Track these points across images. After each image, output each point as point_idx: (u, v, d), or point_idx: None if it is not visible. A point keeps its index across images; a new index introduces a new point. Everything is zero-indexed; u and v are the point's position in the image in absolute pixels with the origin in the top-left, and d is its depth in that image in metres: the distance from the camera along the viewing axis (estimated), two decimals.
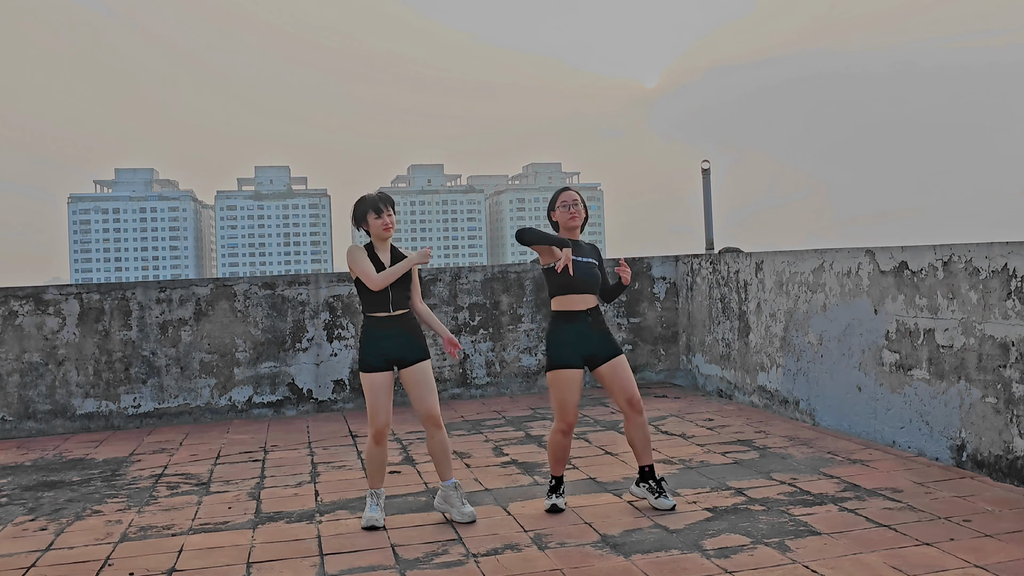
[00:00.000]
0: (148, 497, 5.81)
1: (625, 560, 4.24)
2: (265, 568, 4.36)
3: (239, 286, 8.73)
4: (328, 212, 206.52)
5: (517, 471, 6.07)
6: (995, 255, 5.33)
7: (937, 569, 3.96)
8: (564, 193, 5.15)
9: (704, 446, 6.58)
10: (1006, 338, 5.23)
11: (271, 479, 6.17)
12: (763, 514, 4.86)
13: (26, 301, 8.29)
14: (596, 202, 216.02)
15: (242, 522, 5.15)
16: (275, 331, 8.76)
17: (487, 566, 4.24)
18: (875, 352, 6.40)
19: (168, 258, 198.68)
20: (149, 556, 4.60)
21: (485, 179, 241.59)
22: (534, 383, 9.40)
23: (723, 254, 8.78)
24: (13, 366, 8.23)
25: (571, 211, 5.08)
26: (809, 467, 5.83)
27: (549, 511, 5.05)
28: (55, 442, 7.86)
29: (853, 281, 6.65)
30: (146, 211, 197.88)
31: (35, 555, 4.70)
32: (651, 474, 5.08)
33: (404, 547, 4.58)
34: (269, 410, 8.74)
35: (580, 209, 5.10)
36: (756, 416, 7.66)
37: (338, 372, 8.90)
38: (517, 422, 7.81)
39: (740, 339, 8.36)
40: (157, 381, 8.49)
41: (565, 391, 4.94)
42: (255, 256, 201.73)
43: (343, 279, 9.00)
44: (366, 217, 4.92)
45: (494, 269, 9.42)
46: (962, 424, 5.60)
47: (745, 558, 4.19)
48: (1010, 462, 5.23)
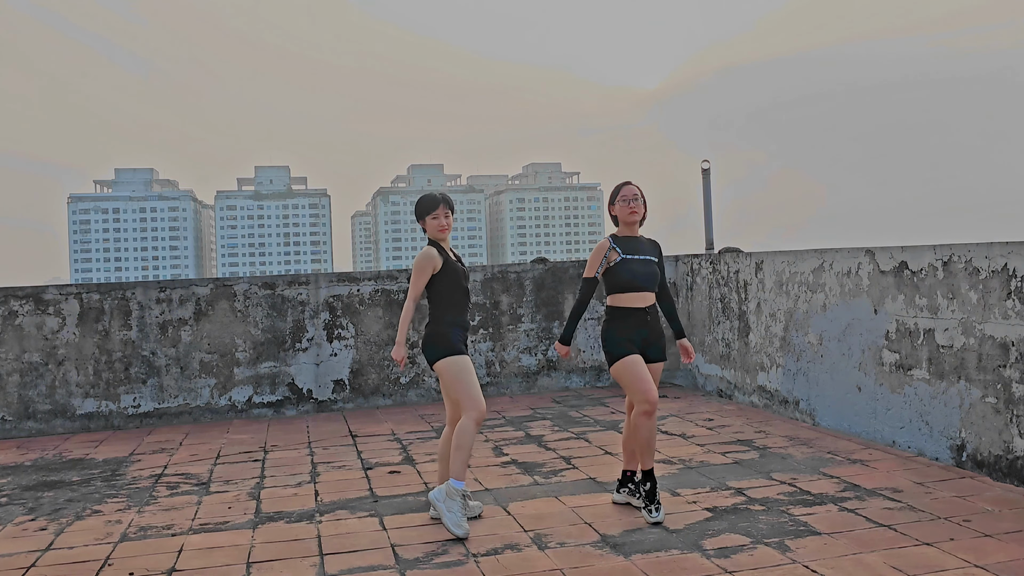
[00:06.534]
0: (148, 497, 5.81)
1: (625, 560, 4.24)
2: (265, 568, 4.36)
3: (239, 286, 8.74)
4: (328, 212, 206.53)
5: (517, 471, 6.07)
6: (995, 255, 5.33)
7: (937, 569, 3.96)
8: (625, 188, 5.03)
9: (704, 446, 6.58)
10: (1006, 338, 5.23)
11: (271, 479, 6.17)
12: (763, 514, 4.86)
13: (26, 301, 8.29)
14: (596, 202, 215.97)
15: (242, 522, 5.15)
16: (275, 331, 8.76)
17: (487, 566, 4.24)
18: (875, 352, 6.40)
19: (168, 258, 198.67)
20: (149, 556, 4.60)
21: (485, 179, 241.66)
22: (534, 383, 9.40)
23: (723, 254, 8.78)
24: (13, 366, 8.23)
25: (631, 206, 4.98)
26: (809, 467, 5.83)
27: (655, 523, 4.76)
28: (55, 442, 7.86)
29: (853, 281, 6.65)
30: (146, 211, 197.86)
31: (35, 555, 4.69)
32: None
33: (404, 547, 4.58)
34: (269, 410, 8.74)
35: (640, 204, 5.00)
36: (756, 416, 7.66)
37: (338, 372, 8.90)
38: (517, 422, 7.81)
39: (740, 339, 8.36)
40: (157, 381, 8.49)
41: (638, 372, 4.81)
42: (255, 256, 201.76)
43: (343, 279, 9.00)
44: (426, 216, 4.97)
45: (494, 269, 9.42)
46: (962, 424, 5.60)
47: (745, 558, 4.19)
48: (1010, 462, 5.23)
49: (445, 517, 4.72)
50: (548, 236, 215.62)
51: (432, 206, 4.96)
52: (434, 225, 4.96)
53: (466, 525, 4.68)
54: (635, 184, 5.07)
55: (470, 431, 4.77)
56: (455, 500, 4.72)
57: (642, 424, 4.82)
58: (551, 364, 9.48)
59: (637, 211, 4.99)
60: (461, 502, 4.73)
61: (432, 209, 4.96)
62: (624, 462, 5.19)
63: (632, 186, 5.04)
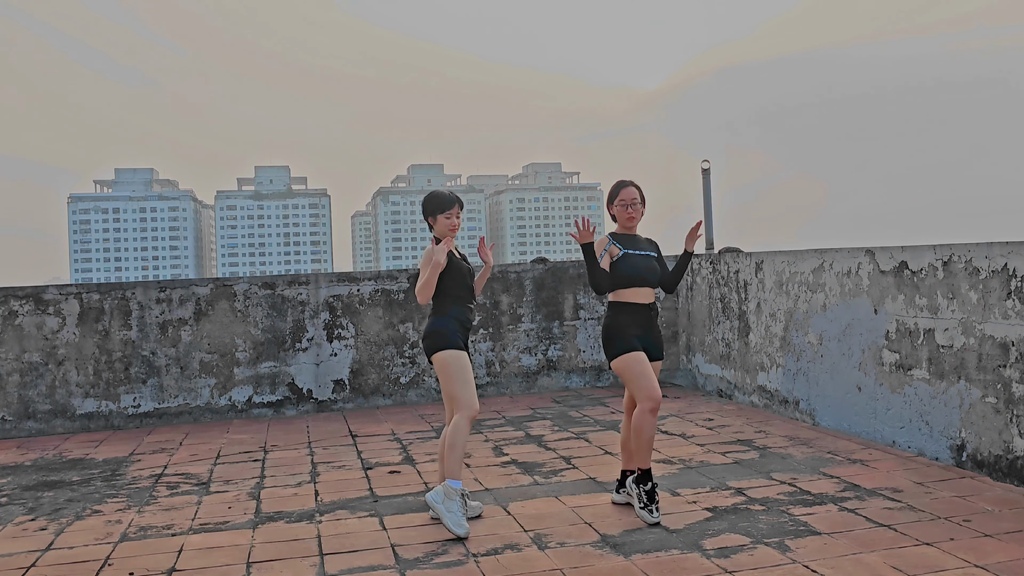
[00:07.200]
0: (148, 497, 5.81)
1: (625, 560, 4.24)
2: (265, 568, 4.36)
3: (239, 286, 8.73)
4: (328, 212, 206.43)
5: (517, 471, 6.07)
6: (995, 255, 5.32)
7: (937, 569, 3.95)
8: (623, 190, 5.03)
9: (704, 446, 6.57)
10: (1006, 338, 5.23)
11: (271, 479, 6.17)
12: (763, 514, 4.86)
13: (26, 301, 8.29)
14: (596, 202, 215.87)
15: (242, 522, 5.15)
16: (275, 331, 8.76)
17: (487, 566, 4.24)
18: (875, 352, 6.40)
19: (168, 258, 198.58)
20: (149, 556, 4.60)
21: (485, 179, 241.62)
22: (534, 383, 9.40)
23: (723, 254, 8.78)
24: (13, 366, 8.22)
25: (628, 211, 5.00)
26: (809, 467, 5.83)
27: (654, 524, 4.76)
28: (55, 442, 7.85)
29: (853, 281, 6.65)
30: (146, 211, 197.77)
31: (35, 555, 4.69)
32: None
33: (404, 547, 4.58)
34: (269, 410, 8.74)
35: (639, 208, 5.02)
36: (756, 416, 7.66)
37: (338, 372, 8.90)
38: (517, 422, 7.81)
39: (740, 339, 8.36)
40: (157, 381, 8.49)
41: (641, 369, 4.80)
42: (255, 256, 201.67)
43: (343, 279, 9.00)
44: (438, 214, 4.99)
45: (494, 269, 9.42)
46: (962, 424, 5.60)
47: (745, 558, 4.19)
48: (1010, 462, 5.23)
49: (445, 517, 4.72)
50: (548, 236, 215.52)
51: (447, 205, 5.00)
52: (446, 224, 4.99)
53: (467, 524, 4.69)
54: (634, 184, 5.07)
55: (463, 429, 4.77)
56: (454, 500, 4.72)
57: (645, 421, 4.81)
58: (551, 364, 9.48)
59: (635, 216, 5.01)
60: (460, 501, 4.73)
61: (447, 208, 4.99)
62: (623, 462, 5.20)
63: (630, 187, 5.04)
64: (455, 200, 5.05)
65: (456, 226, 5.02)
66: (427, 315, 8.63)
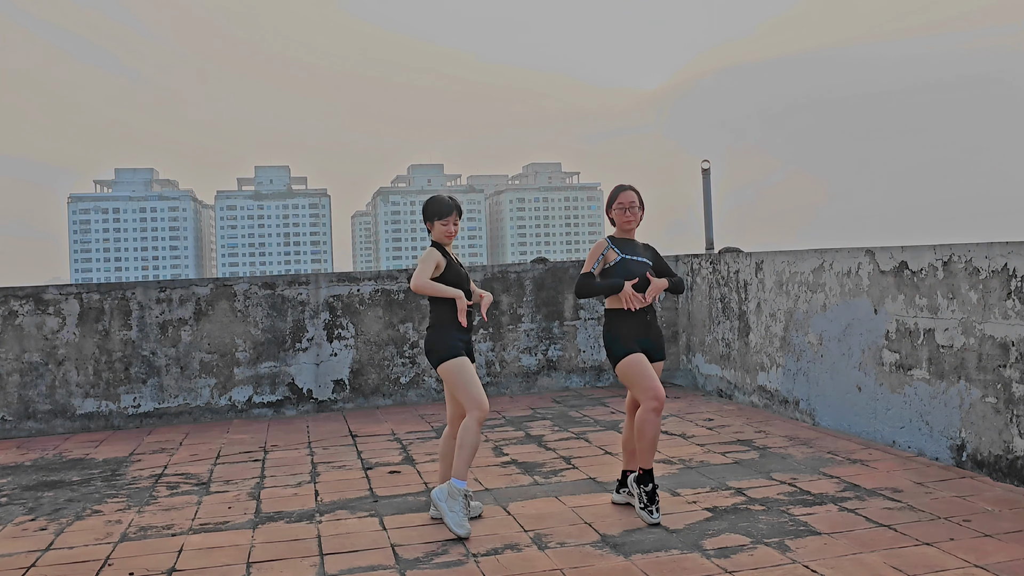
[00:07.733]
0: (148, 497, 5.81)
1: (625, 560, 4.24)
2: (265, 568, 4.36)
3: (239, 286, 8.74)
4: (328, 212, 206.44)
5: (517, 471, 6.07)
6: (995, 255, 5.33)
7: (937, 569, 3.96)
8: (622, 194, 5.04)
9: (704, 446, 6.58)
10: (1006, 338, 5.23)
11: (271, 479, 6.17)
12: (763, 514, 4.86)
13: (26, 301, 8.29)
14: (596, 202, 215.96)
15: (242, 522, 5.15)
16: (275, 331, 8.76)
17: (487, 566, 4.24)
18: (875, 352, 6.40)
19: (168, 258, 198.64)
20: (149, 556, 4.60)
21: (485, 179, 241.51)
22: (534, 383, 9.40)
23: (723, 254, 8.78)
24: (13, 366, 8.23)
25: (627, 215, 5.01)
26: (809, 467, 5.83)
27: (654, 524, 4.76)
28: (55, 442, 7.86)
29: (853, 281, 6.65)
30: (146, 211, 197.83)
31: (35, 555, 4.69)
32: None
33: (404, 547, 4.58)
34: (269, 410, 8.74)
35: (637, 212, 5.02)
36: (756, 416, 7.66)
37: (338, 372, 8.90)
38: (517, 422, 7.81)
39: (740, 339, 8.36)
40: (157, 381, 8.49)
41: (643, 371, 4.82)
42: (255, 256, 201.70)
43: (343, 279, 9.00)
44: (436, 220, 5.02)
45: (494, 269, 9.42)
46: (962, 424, 5.60)
47: (745, 558, 4.19)
48: (1010, 462, 5.23)
49: (447, 517, 4.72)
50: (548, 236, 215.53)
51: (446, 211, 5.04)
52: (443, 230, 5.02)
53: (468, 525, 4.69)
54: (632, 188, 5.08)
55: (473, 430, 4.77)
56: (457, 500, 4.72)
57: (649, 421, 4.81)
58: (551, 364, 9.48)
59: (633, 220, 5.02)
60: (463, 502, 4.73)
61: (445, 215, 5.03)
62: (624, 462, 5.20)
63: (629, 192, 5.05)
64: (453, 207, 5.08)
65: (453, 233, 5.06)
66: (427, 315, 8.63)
